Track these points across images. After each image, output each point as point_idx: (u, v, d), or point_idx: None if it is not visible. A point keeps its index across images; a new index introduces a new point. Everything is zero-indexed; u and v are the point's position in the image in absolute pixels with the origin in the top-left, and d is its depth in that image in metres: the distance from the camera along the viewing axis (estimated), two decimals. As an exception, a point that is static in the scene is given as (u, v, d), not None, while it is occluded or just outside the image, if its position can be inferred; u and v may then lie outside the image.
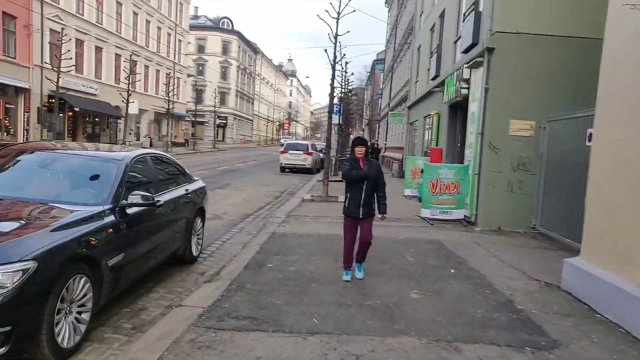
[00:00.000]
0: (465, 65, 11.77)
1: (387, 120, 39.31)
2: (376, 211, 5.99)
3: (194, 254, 6.51)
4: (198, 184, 7.05)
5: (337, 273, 6.10)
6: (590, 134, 8.14)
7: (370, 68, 73.29)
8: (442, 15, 17.13)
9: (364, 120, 77.20)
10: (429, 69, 19.16)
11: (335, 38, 14.37)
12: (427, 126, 19.02)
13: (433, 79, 17.05)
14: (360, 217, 5.84)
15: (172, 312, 4.56)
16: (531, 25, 10.09)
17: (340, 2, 14.29)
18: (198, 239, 6.77)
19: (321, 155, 28.76)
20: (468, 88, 12.03)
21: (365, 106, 74.61)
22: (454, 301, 5.35)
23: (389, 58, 42.54)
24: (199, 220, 6.77)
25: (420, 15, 23.00)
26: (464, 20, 12.59)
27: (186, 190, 6.29)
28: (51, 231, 3.42)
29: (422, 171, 14.38)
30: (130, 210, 4.43)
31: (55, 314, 3.30)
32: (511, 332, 4.55)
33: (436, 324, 4.61)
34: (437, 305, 5.16)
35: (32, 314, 3.11)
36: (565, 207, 9.12)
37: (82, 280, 3.59)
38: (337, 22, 14.30)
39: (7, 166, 4.64)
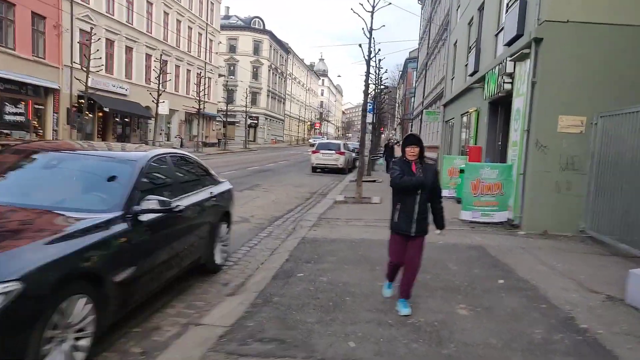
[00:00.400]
0: (509, 59, 10.99)
1: (421, 119, 38.38)
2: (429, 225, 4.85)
3: (217, 262, 6.05)
4: (224, 186, 6.59)
5: (374, 284, 5.53)
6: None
7: (403, 66, 72.26)
8: (481, 8, 16.30)
9: (396, 119, 76.14)
10: (466, 65, 18.32)
11: (370, 32, 13.80)
12: (464, 124, 18.20)
13: (471, 74, 16.24)
14: (412, 234, 4.72)
15: (188, 332, 4.07)
16: (583, 12, 9.27)
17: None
18: (223, 245, 6.31)
19: (353, 155, 28.22)
20: (512, 83, 11.25)
21: (397, 105, 73.53)
22: (507, 319, 4.71)
23: (423, 55, 41.58)
24: (225, 225, 6.31)
25: (457, 10, 22.13)
26: (506, 11, 11.80)
27: (211, 193, 5.83)
28: (46, 244, 2.97)
29: (460, 171, 13.68)
30: (144, 217, 3.98)
31: (45, 344, 2.80)
32: (579, 359, 3.91)
33: (491, 348, 3.99)
34: (488, 325, 4.53)
35: (14, 347, 2.61)
36: (621, 209, 8.32)
37: (81, 301, 3.12)
38: (372, 16, 13.72)
39: (8, 168, 4.24)
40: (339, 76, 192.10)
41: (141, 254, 3.92)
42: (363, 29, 13.81)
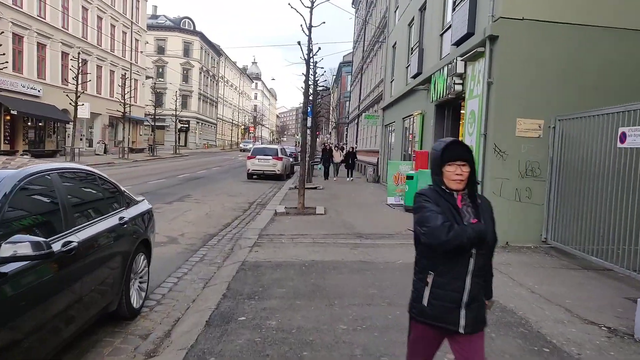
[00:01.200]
0: (460, 58, 10.33)
1: (357, 123, 37.95)
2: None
3: (134, 305, 4.70)
4: (141, 207, 5.23)
5: (336, 329, 4.42)
6: (623, 134, 6.78)
7: (337, 71, 72.05)
8: (422, 8, 15.73)
9: (330, 123, 75.88)
10: (407, 67, 17.75)
11: (309, 29, 12.73)
12: (407, 128, 17.59)
13: (414, 76, 15.62)
14: (462, 329, 2.49)
15: None
16: (540, 10, 8.72)
17: (313, -10, 12.72)
18: (141, 283, 4.97)
19: (291, 160, 27.06)
20: (462, 83, 10.60)
21: (332, 109, 73.27)
22: (507, 372, 3.76)
23: (358, 59, 41.25)
24: (142, 257, 4.97)
25: (395, 11, 21.63)
26: (453, 9, 11.17)
27: (121, 219, 4.47)
28: None
29: (408, 177, 12.94)
30: (7, 268, 2.65)
31: None
32: None
33: None
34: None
35: None
36: (583, 217, 7.79)
37: None
38: (310, 12, 12.68)
39: None
40: (273, 79, 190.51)
41: (5, 319, 2.59)
42: (302, 25, 12.73)
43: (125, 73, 41.00)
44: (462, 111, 12.48)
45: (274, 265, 6.73)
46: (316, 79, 22.51)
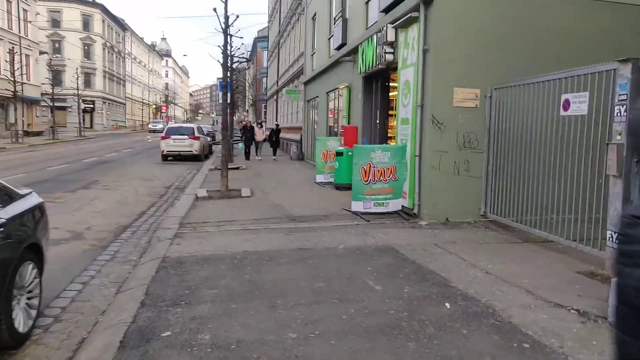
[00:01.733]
0: (391, 25, 9.73)
1: (276, 100, 36.90)
2: None
3: (19, 329, 3.61)
4: (25, 203, 4.07)
5: (285, 338, 3.65)
6: (567, 101, 6.51)
7: (252, 46, 69.88)
8: (344, -26, 14.98)
9: (247, 100, 73.87)
10: (330, 38, 17.02)
11: (226, -7, 11.57)
12: (333, 102, 16.94)
13: (338, 48, 14.92)
14: None
15: None
16: (475, -29, 8.26)
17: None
18: (30, 298, 3.87)
19: (209, 139, 25.64)
20: (394, 52, 10.03)
21: (248, 86, 71.24)
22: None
23: (274, 33, 39.93)
24: (31, 267, 3.86)
25: (313, -20, 20.72)
26: (381, -27, 10.51)
27: (-6, 220, 3.36)
28: None
29: (337, 154, 12.33)
30: None
31: None
32: None
33: None
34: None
35: None
36: (523, 189, 7.58)
37: None
38: (226, -25, 11.53)
39: None
40: (184, 56, 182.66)
41: None
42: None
43: (13, 47, 36.71)
44: (390, 83, 12.00)
45: (201, 260, 5.79)
46: (232, 52, 21.15)
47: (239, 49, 21.42)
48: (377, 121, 12.40)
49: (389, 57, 10.06)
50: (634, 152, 4.90)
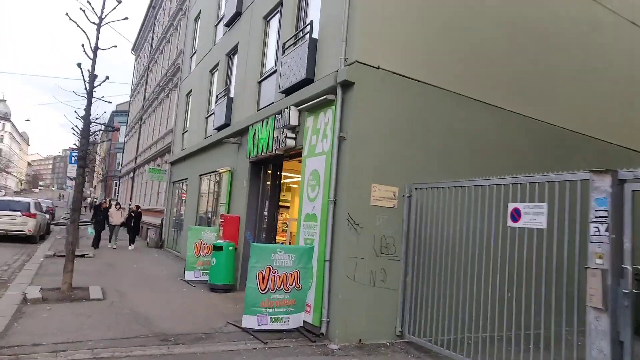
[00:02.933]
0: (294, 108, 8.60)
1: (133, 177, 33.56)
2: None
3: None
4: None
5: None
6: (517, 211, 5.68)
7: (109, 120, 65.06)
8: (232, 53, 13.89)
9: (95, 176, 67.41)
10: (208, 117, 15.52)
11: (95, 52, 9.59)
12: (205, 186, 15.07)
13: (219, 128, 13.42)
14: None
15: None
16: (393, 60, 7.58)
17: (104, 3, 9.78)
18: None
19: (47, 217, 21.62)
20: (295, 138, 8.82)
21: (99, 160, 65.35)
22: None
23: (137, 108, 37.28)
24: None
25: (192, 57, 19.41)
26: (283, 53, 9.52)
27: None
28: None
29: (215, 248, 10.45)
30: None
31: None
32: None
33: None
34: None
35: None
36: (440, 305, 6.59)
37: None
38: (98, 30, 9.67)
39: None
40: (27, 120, 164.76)
41: None
42: (83, 45, 9.55)
43: None
44: (282, 172, 10.69)
45: None
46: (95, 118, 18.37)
47: (97, 117, 18.71)
48: (266, 212, 10.85)
49: (290, 142, 8.81)
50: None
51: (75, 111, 11.67)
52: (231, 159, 12.37)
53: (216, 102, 14.08)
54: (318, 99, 7.67)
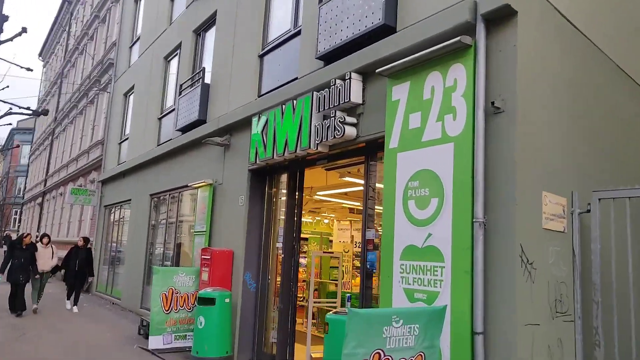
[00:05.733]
0: (359, 75, 5.41)
1: (41, 203, 27.94)
2: None
3: None
4: None
5: None
6: None
7: (6, 140, 56.83)
8: (206, 25, 10.36)
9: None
10: (162, 117, 11.78)
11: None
12: (164, 211, 11.17)
13: (186, 128, 9.76)
14: None
15: None
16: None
17: None
18: None
19: None
20: (357, 124, 5.55)
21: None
22: None
23: (48, 121, 31.66)
24: None
25: (131, 47, 15.44)
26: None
27: None
28: None
29: (200, 301, 6.87)
30: None
31: None
32: None
33: None
34: None
35: None
36: None
37: None
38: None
39: None
40: None
41: None
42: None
43: None
44: (303, 182, 7.25)
45: None
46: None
47: None
48: (280, 244, 7.34)
49: (350, 130, 5.50)
50: None
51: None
52: (210, 168, 8.76)
53: (179, 94, 10.38)
54: (430, 50, 4.47)
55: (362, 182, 5.86)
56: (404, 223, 4.64)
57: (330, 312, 4.91)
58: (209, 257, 7.68)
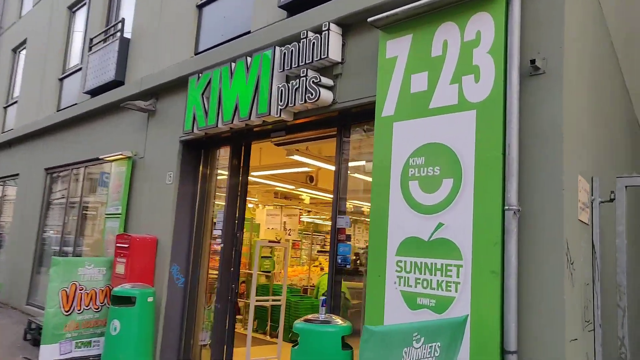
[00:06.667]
0: (338, 28, 4.38)
1: None
2: None
3: None
4: None
5: None
6: None
7: None
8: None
9: None
10: (65, 78, 9.92)
11: None
12: (62, 187, 9.34)
13: (97, 91, 8.13)
14: None
15: None
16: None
17: None
18: None
19: None
20: (332, 87, 4.52)
21: None
22: None
23: None
24: None
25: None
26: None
27: None
28: None
29: (115, 300, 5.54)
30: None
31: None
32: None
33: None
34: None
35: None
36: None
37: None
38: None
39: None
40: None
41: None
42: None
43: None
44: (248, 163, 6.06)
45: None
46: None
47: None
48: (219, 231, 6.09)
49: (326, 94, 4.45)
50: None
51: None
52: (128, 138, 7.26)
53: (89, 50, 8.63)
54: (447, -7, 3.55)
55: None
56: (403, 209, 3.70)
57: (299, 320, 3.87)
58: (126, 246, 6.24)
